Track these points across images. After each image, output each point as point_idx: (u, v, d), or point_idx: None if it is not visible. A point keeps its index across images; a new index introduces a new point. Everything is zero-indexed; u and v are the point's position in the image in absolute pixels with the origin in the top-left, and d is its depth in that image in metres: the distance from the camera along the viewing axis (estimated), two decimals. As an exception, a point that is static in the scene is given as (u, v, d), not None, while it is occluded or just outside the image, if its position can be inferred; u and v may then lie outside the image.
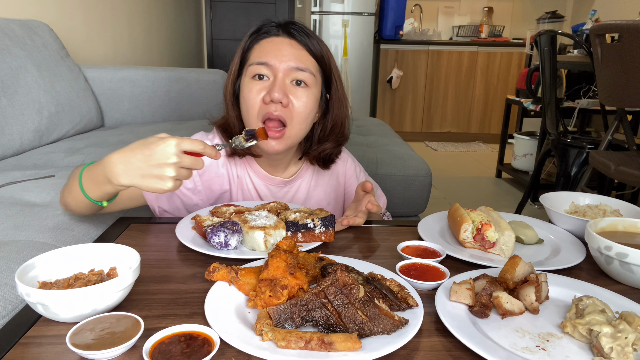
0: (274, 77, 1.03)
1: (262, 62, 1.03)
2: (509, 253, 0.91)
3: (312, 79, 1.06)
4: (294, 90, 1.04)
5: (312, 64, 1.07)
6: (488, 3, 6.05)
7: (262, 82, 1.04)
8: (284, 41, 1.05)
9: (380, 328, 0.63)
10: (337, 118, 1.16)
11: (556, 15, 4.47)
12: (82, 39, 2.73)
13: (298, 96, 1.04)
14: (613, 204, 1.12)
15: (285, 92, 1.03)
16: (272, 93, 1.01)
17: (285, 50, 1.04)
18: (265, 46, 1.05)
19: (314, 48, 1.07)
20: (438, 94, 5.80)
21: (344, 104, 1.17)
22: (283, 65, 1.03)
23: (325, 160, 1.21)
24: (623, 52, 1.95)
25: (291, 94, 1.04)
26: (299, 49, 1.05)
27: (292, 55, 1.04)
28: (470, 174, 4.51)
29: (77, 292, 0.63)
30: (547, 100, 2.91)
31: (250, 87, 1.04)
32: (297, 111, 1.04)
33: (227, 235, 0.90)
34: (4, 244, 0.99)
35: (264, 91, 1.03)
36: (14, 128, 1.73)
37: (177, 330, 0.62)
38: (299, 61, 1.04)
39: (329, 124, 1.16)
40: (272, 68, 1.03)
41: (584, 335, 0.64)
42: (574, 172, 2.89)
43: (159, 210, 1.15)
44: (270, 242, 0.91)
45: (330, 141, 1.17)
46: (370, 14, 5.20)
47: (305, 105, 1.05)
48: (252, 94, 1.04)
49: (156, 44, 3.89)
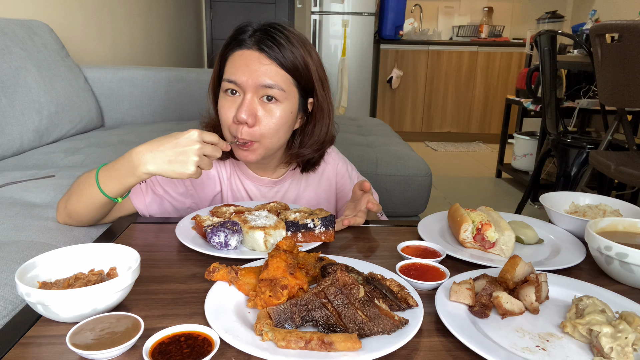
0: (243, 95, 1.03)
1: (231, 80, 1.03)
2: (509, 253, 0.91)
3: (282, 94, 1.03)
4: (263, 106, 1.04)
5: (283, 78, 1.03)
6: (488, 3, 6.05)
7: (234, 99, 1.04)
8: (252, 56, 1.02)
9: (380, 328, 0.63)
10: (318, 126, 1.15)
11: (556, 15, 4.47)
12: (82, 39, 2.73)
13: (268, 111, 1.04)
14: (613, 204, 1.12)
15: (253, 112, 1.02)
16: (238, 114, 1.02)
17: (253, 66, 1.01)
18: (236, 61, 1.04)
19: (285, 61, 1.03)
20: (438, 94, 5.79)
21: (327, 111, 1.15)
22: (250, 82, 1.01)
23: (306, 165, 1.20)
24: (623, 52, 1.95)
25: (261, 111, 1.03)
26: (267, 64, 1.02)
27: (260, 71, 1.01)
28: (470, 174, 4.51)
29: (77, 292, 0.63)
30: (547, 100, 2.91)
31: (223, 103, 1.06)
32: (266, 129, 1.04)
33: (227, 235, 0.90)
34: (4, 244, 0.99)
35: (235, 109, 1.04)
36: (14, 128, 1.73)
37: (177, 330, 0.62)
38: (267, 77, 1.01)
39: (309, 132, 1.15)
40: (240, 86, 1.02)
41: (584, 335, 0.64)
42: (574, 172, 2.89)
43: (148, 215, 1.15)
44: (270, 242, 0.91)
45: (308, 147, 1.16)
46: (370, 14, 5.20)
47: (275, 121, 1.04)
48: (224, 111, 1.05)
49: (156, 44, 3.89)
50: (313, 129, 1.15)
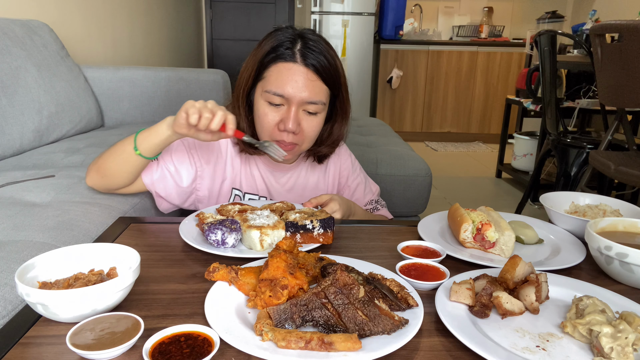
0: (288, 107, 1.10)
1: (279, 93, 1.08)
2: (509, 253, 0.91)
3: (321, 107, 1.13)
4: (305, 118, 1.12)
5: (324, 93, 1.12)
6: (488, 3, 6.05)
7: (278, 109, 1.11)
8: (299, 71, 1.08)
9: (380, 328, 0.63)
10: (337, 126, 1.24)
11: (556, 15, 4.47)
12: (82, 39, 2.73)
13: (309, 122, 1.13)
14: (613, 204, 1.12)
15: (299, 123, 1.11)
16: (286, 124, 1.09)
17: (300, 81, 1.08)
18: (282, 73, 1.08)
19: (326, 74, 1.11)
20: (438, 94, 5.79)
21: (347, 114, 1.24)
22: (298, 97, 1.08)
23: (320, 158, 1.29)
24: (623, 52, 1.95)
25: (302, 121, 1.12)
26: (313, 80, 1.09)
27: (307, 87, 1.08)
28: (470, 174, 4.51)
29: (77, 292, 0.63)
30: (547, 100, 2.91)
31: (266, 111, 1.11)
32: (307, 135, 1.14)
33: (224, 234, 0.90)
34: (4, 244, 0.99)
35: (279, 118, 1.11)
36: (14, 128, 1.73)
37: (177, 330, 0.62)
38: (313, 94, 1.09)
39: (328, 131, 1.24)
40: (287, 99, 1.09)
41: (584, 335, 0.64)
42: (574, 172, 2.89)
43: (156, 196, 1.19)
44: (267, 241, 0.91)
45: (327, 146, 1.25)
46: (370, 14, 5.20)
47: (313, 129, 1.15)
48: (268, 119, 1.11)
49: (156, 44, 3.89)
50: (332, 129, 1.24)
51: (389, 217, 1.42)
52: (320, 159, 1.30)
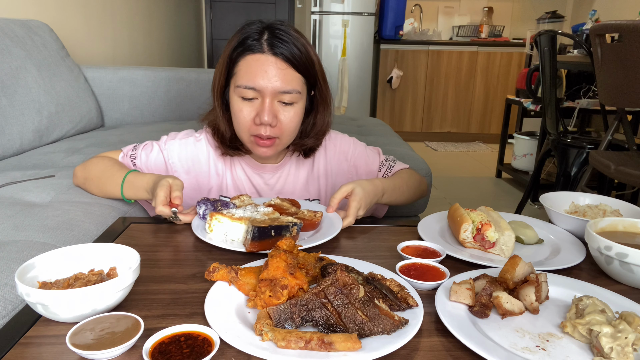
0: (262, 100, 1.07)
1: (250, 86, 1.06)
2: (509, 253, 0.91)
3: (297, 97, 1.09)
4: (281, 109, 1.09)
5: (298, 81, 1.09)
6: (488, 3, 6.05)
7: (252, 104, 1.08)
8: (269, 60, 1.05)
9: (380, 328, 0.63)
10: (320, 117, 1.20)
11: (556, 15, 4.47)
12: (82, 39, 2.73)
13: (286, 114, 1.10)
14: (613, 204, 1.12)
15: (274, 114, 1.08)
16: (261, 117, 1.07)
17: (271, 71, 1.05)
18: (251, 65, 1.06)
19: (298, 62, 1.07)
20: (438, 94, 5.79)
21: (328, 102, 1.20)
22: (270, 87, 1.05)
23: (307, 151, 1.25)
24: (623, 52, 1.95)
25: (279, 112, 1.09)
26: (284, 69, 1.06)
27: (278, 77, 1.05)
28: (470, 174, 4.51)
29: (77, 292, 0.63)
30: (547, 100, 2.91)
31: (240, 107, 1.09)
32: (286, 127, 1.11)
33: (206, 210, 0.98)
34: (4, 244, 0.99)
35: (254, 113, 1.08)
36: (14, 128, 1.73)
37: (177, 330, 0.62)
38: (285, 83, 1.06)
39: (312, 123, 1.20)
40: (259, 92, 1.06)
41: (584, 335, 0.64)
42: (574, 172, 2.89)
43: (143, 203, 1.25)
44: (222, 230, 0.94)
45: (312, 137, 1.22)
46: (370, 14, 5.20)
47: (292, 120, 1.11)
48: (243, 115, 1.09)
49: (156, 44, 3.89)
50: (315, 120, 1.20)
51: (405, 167, 1.34)
52: (307, 153, 1.26)
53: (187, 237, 0.99)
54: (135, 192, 1.11)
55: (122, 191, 1.13)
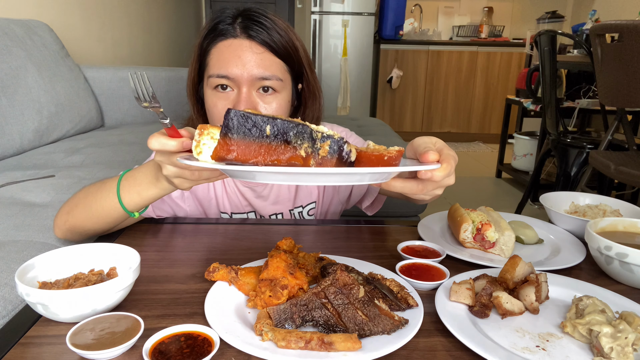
0: (238, 90, 0.94)
1: (222, 74, 0.93)
2: (509, 253, 0.91)
3: (279, 84, 0.96)
4: (262, 99, 0.96)
5: (278, 66, 0.96)
6: (488, 3, 6.05)
7: (226, 94, 0.95)
8: (243, 44, 0.93)
9: (380, 328, 0.63)
10: (310, 112, 1.09)
11: (556, 15, 4.47)
12: (82, 39, 2.73)
13: (268, 103, 0.96)
14: (613, 204, 1.12)
15: (253, 105, 0.95)
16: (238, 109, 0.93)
17: (246, 57, 0.92)
18: (223, 52, 0.94)
19: (277, 46, 0.95)
20: (438, 94, 5.79)
21: (317, 94, 1.08)
22: (246, 75, 0.92)
23: None
24: (623, 52, 1.95)
25: (261, 104, 0.96)
26: (261, 53, 0.93)
27: (254, 62, 0.93)
28: (470, 174, 4.51)
29: (77, 292, 0.63)
30: (547, 100, 2.91)
31: (214, 100, 0.96)
32: None
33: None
34: (4, 244, 0.99)
35: (230, 104, 0.95)
36: (14, 128, 1.73)
37: (177, 330, 0.62)
38: (263, 68, 0.93)
39: (302, 116, 1.09)
40: (234, 80, 0.93)
41: (584, 335, 0.64)
42: (574, 172, 2.89)
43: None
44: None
45: None
46: (370, 14, 5.20)
47: (275, 110, 0.98)
48: (218, 109, 0.96)
49: (156, 44, 3.89)
50: (303, 116, 1.09)
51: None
52: None
53: (187, 237, 0.99)
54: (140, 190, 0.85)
55: (120, 195, 0.87)
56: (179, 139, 0.69)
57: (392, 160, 0.60)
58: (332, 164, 0.56)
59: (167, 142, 0.69)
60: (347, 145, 0.57)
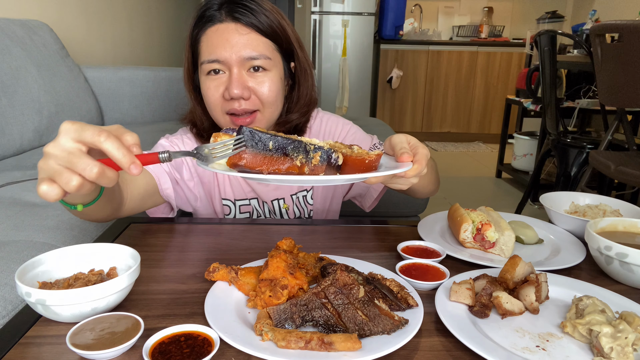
0: (229, 71, 0.99)
1: (212, 59, 0.98)
2: (509, 253, 0.91)
3: (269, 62, 1.01)
4: (253, 78, 1.00)
5: (265, 45, 1.01)
6: (488, 3, 6.05)
7: (219, 77, 1.00)
8: (229, 28, 0.98)
9: (380, 328, 0.63)
10: (302, 89, 1.13)
11: (556, 15, 4.47)
12: (82, 39, 2.73)
13: (259, 82, 1.01)
14: (613, 204, 1.12)
15: (245, 85, 1.00)
16: (230, 90, 0.98)
17: (233, 39, 0.97)
18: (211, 38, 0.99)
19: (263, 26, 0.99)
20: (438, 94, 5.80)
21: (309, 72, 1.12)
22: (234, 56, 0.98)
23: (293, 132, 1.16)
24: (623, 52, 1.95)
25: (252, 82, 1.00)
26: (247, 34, 0.98)
27: (242, 43, 0.97)
28: (470, 174, 4.51)
29: (77, 292, 0.63)
30: (547, 100, 2.91)
31: (208, 84, 1.01)
32: (263, 97, 1.02)
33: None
34: (4, 244, 0.99)
35: (222, 87, 1.00)
36: (14, 128, 1.73)
37: (177, 330, 0.62)
38: (251, 48, 0.98)
39: (296, 96, 1.13)
40: (224, 63, 0.99)
41: (584, 335, 0.64)
42: (574, 172, 2.89)
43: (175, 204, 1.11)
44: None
45: (296, 112, 1.13)
46: (370, 14, 5.20)
47: (269, 89, 1.02)
48: (211, 92, 1.01)
49: (156, 44, 3.89)
50: (298, 93, 1.13)
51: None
52: (296, 132, 1.15)
53: (187, 237, 0.99)
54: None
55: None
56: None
57: (372, 162, 0.73)
58: (322, 170, 0.68)
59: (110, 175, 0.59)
60: (335, 152, 0.70)
